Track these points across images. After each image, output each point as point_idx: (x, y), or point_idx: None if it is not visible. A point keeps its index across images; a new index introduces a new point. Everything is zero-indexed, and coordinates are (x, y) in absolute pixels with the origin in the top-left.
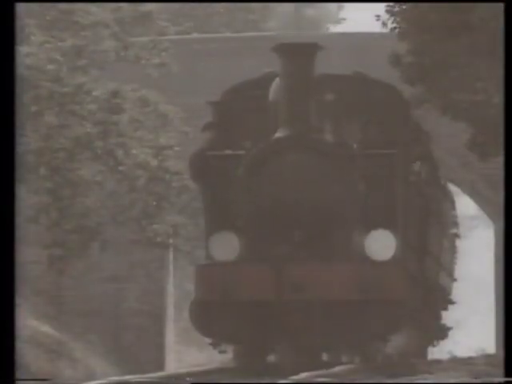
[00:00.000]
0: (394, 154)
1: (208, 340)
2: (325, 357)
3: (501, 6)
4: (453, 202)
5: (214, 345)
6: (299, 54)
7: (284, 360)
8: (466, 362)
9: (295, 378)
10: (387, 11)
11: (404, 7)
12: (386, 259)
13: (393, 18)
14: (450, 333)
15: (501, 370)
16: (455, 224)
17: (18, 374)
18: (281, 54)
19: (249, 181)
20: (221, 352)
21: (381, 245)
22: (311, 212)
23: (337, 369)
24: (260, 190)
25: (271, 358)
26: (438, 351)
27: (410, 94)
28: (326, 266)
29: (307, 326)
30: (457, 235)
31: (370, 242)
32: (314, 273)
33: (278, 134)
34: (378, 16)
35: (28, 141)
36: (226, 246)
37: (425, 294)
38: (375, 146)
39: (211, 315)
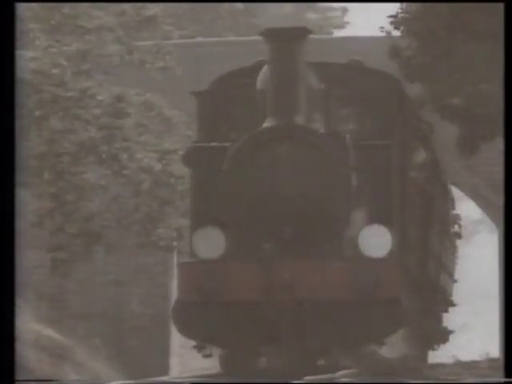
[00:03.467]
0: (389, 145)
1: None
2: (318, 361)
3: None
4: (452, 201)
5: (199, 348)
6: (287, 39)
7: (273, 364)
8: (470, 365)
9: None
10: (392, 22)
11: (408, 16)
12: (382, 256)
13: (398, 28)
14: (455, 336)
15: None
16: (456, 223)
17: (21, 377)
18: (268, 39)
19: (235, 174)
20: (206, 356)
21: (376, 241)
22: (301, 207)
23: (338, 374)
24: (247, 183)
25: (260, 362)
26: (442, 355)
27: (413, 94)
28: (318, 264)
29: (298, 328)
30: (458, 235)
31: (364, 238)
32: (305, 271)
33: (265, 124)
34: (381, 28)
35: (32, 145)
36: (211, 243)
37: (424, 295)
38: (370, 137)
39: (195, 316)
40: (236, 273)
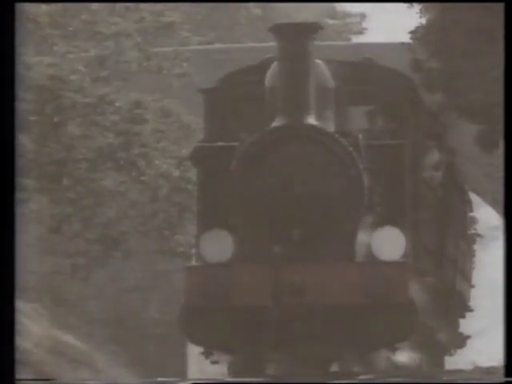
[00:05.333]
0: (402, 145)
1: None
2: (328, 367)
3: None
4: (470, 203)
5: (206, 354)
6: (298, 35)
7: (283, 371)
8: (488, 371)
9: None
10: (412, 38)
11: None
12: (395, 259)
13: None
14: (474, 342)
15: None
16: (473, 226)
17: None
18: (278, 36)
19: (243, 175)
20: (213, 362)
21: (389, 243)
22: (311, 208)
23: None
24: (255, 184)
25: (269, 369)
26: (461, 361)
27: (432, 101)
28: (328, 268)
29: (308, 333)
30: (475, 238)
31: (376, 240)
32: (315, 275)
33: (274, 124)
34: (403, 43)
35: (50, 151)
36: (219, 246)
37: (439, 299)
38: (382, 137)
39: (202, 322)
40: (244, 277)
